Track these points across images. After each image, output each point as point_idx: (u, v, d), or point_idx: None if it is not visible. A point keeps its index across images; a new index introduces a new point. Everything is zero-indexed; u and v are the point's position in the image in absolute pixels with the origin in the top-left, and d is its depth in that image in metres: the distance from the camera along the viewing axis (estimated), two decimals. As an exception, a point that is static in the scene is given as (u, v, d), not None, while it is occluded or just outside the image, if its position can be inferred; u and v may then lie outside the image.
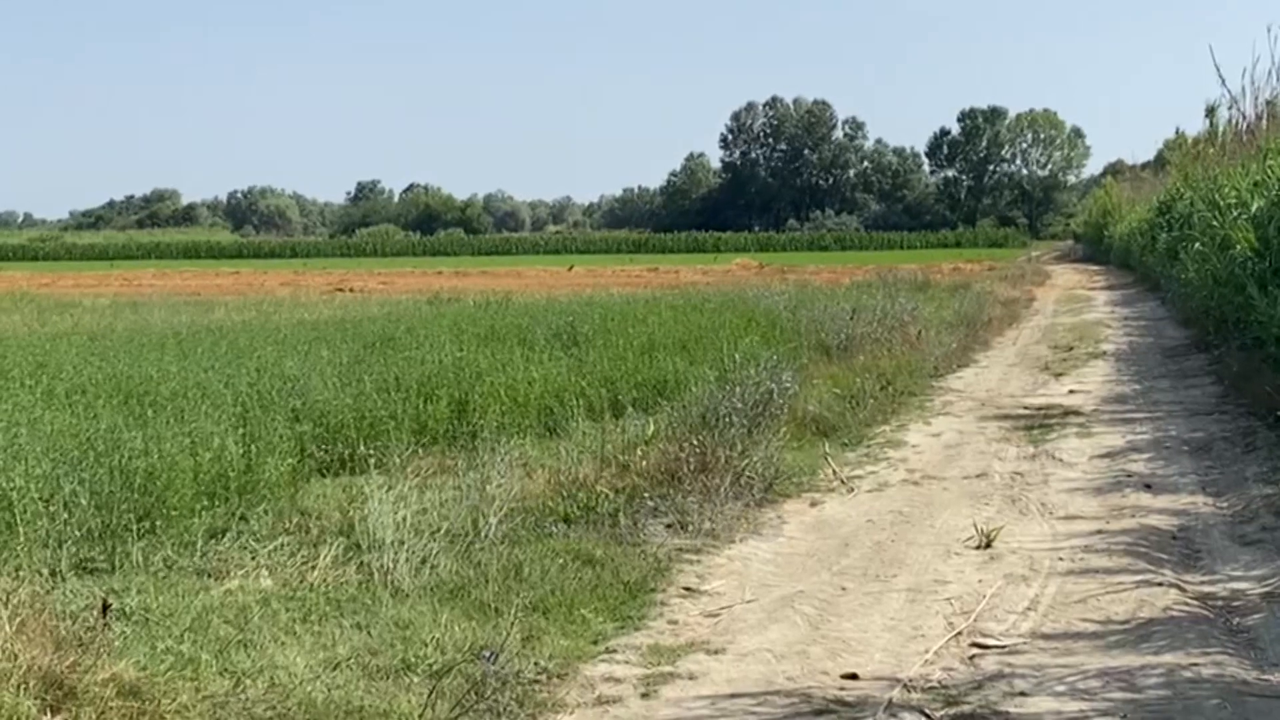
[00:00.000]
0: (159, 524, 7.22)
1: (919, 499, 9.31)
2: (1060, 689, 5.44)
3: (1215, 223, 15.24)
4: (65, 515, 6.89)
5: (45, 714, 4.56)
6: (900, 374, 14.97)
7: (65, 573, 6.51)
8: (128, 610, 5.92)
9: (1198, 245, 17.31)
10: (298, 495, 8.39)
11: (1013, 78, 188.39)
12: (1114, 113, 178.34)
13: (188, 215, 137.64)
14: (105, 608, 5.48)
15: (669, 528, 8.05)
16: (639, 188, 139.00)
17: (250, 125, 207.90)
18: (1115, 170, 77.03)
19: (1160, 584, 6.92)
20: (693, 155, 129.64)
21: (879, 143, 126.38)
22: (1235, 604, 6.59)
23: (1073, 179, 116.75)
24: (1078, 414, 13.02)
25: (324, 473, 9.30)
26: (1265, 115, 17.86)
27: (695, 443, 9.00)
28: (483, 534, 7.35)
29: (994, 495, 9.37)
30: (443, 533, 7.21)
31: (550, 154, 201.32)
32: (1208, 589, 6.86)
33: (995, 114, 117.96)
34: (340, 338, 14.58)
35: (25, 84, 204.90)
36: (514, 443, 9.73)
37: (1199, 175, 21.01)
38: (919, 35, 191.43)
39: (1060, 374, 16.60)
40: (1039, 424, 12.44)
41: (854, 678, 5.65)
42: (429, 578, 6.68)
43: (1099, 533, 8.13)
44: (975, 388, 15.35)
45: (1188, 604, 6.59)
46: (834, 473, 9.89)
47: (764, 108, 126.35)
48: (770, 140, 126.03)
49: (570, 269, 52.71)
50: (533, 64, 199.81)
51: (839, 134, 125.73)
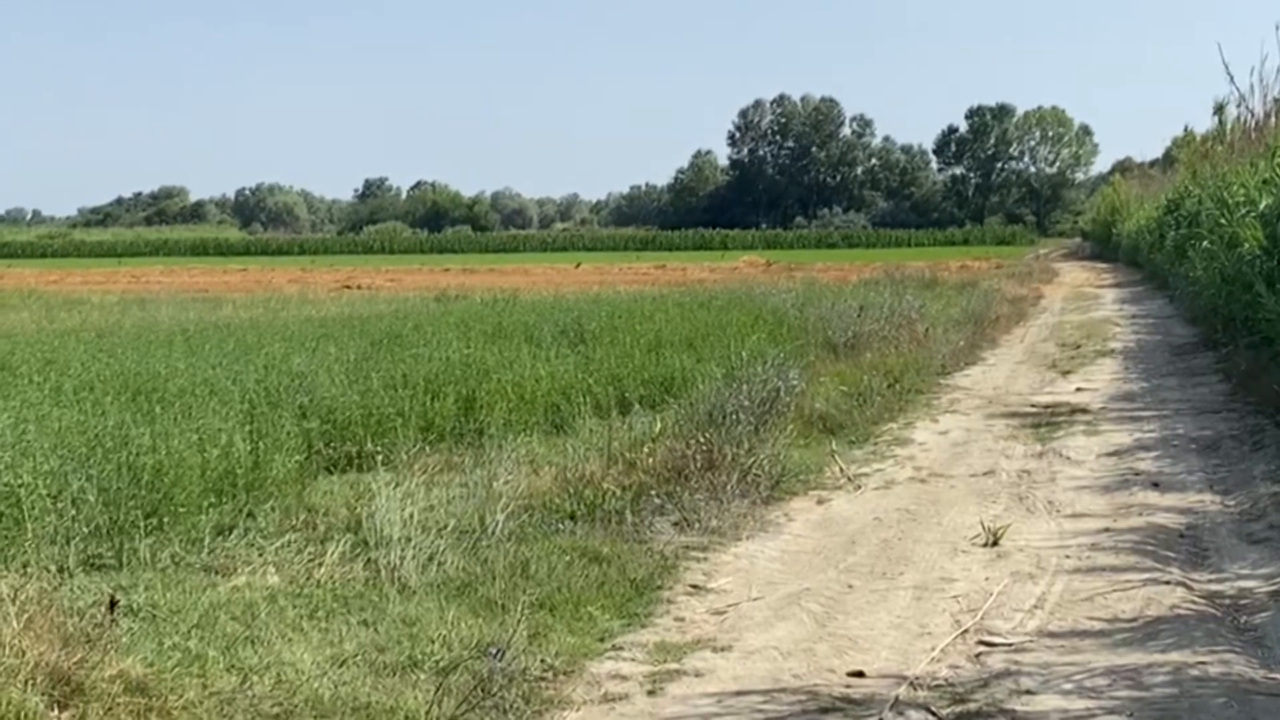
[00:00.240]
0: (166, 520, 7.23)
1: (926, 497, 9.30)
2: (1067, 687, 5.44)
3: (1223, 220, 15.21)
4: (73, 512, 6.90)
5: (53, 710, 4.57)
6: (907, 372, 14.95)
7: (73, 569, 6.53)
8: (135, 607, 5.92)
9: (1206, 243, 17.28)
10: (305, 492, 8.41)
11: (1021, 75, 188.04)
12: (1122, 110, 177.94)
13: (196, 212, 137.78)
14: (112, 604, 5.49)
15: (675, 525, 8.05)
16: (646, 185, 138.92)
17: (258, 122, 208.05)
18: (1123, 168, 76.92)
19: (1167, 582, 6.91)
20: (700, 153, 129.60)
21: (887, 140, 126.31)
22: (1243, 602, 6.58)
23: (1081, 176, 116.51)
24: (1085, 412, 13.00)
25: (331, 470, 9.31)
26: (1274, 113, 17.85)
27: (702, 440, 9.00)
28: (489, 531, 7.36)
29: (1001, 493, 9.36)
30: (450, 530, 7.22)
31: (558, 151, 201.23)
32: (1215, 587, 6.85)
33: (1003, 111, 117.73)
34: (348, 335, 14.61)
35: (33, 81, 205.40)
36: (521, 440, 9.74)
37: (1207, 173, 21.00)
38: (927, 32, 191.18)
39: (1068, 372, 16.57)
40: (1046, 422, 12.42)
41: (860, 675, 5.65)
42: (436, 575, 6.69)
43: (1106, 531, 8.13)
44: (982, 385, 15.33)
45: (1195, 602, 6.58)
46: (841, 470, 9.88)
47: (771, 105, 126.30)
48: (778, 138, 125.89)
49: (577, 266, 52.70)
50: (540, 61, 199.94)
51: (846, 131, 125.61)
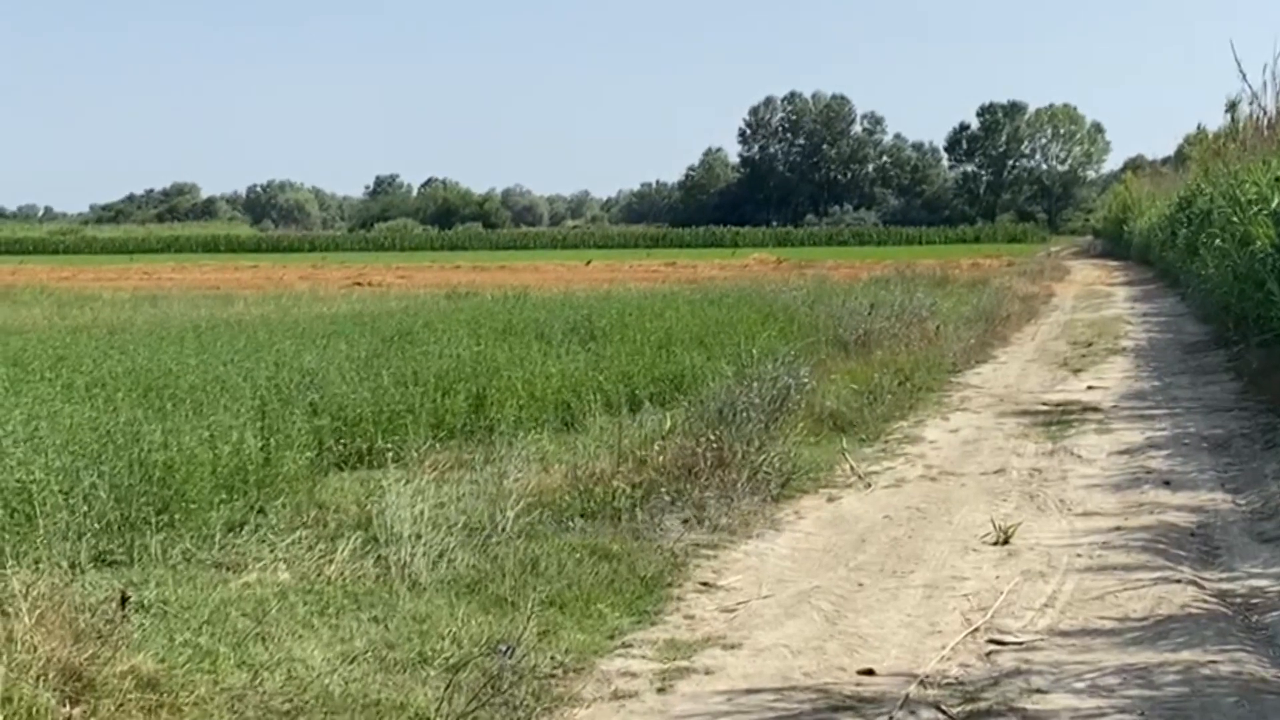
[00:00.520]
0: (177, 517, 7.24)
1: (936, 495, 9.29)
2: (1078, 686, 5.43)
3: (1235, 218, 15.17)
4: (84, 508, 6.92)
5: (64, 706, 4.58)
6: (918, 369, 14.94)
7: (84, 565, 6.54)
8: (146, 603, 5.94)
9: (1218, 241, 17.24)
10: (316, 489, 8.42)
11: (1033, 72, 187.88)
12: (1134, 108, 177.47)
13: (207, 209, 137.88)
14: (124, 600, 5.50)
15: (685, 523, 8.05)
16: (657, 182, 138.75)
17: (269, 120, 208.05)
18: (1135, 165, 76.80)
19: (1178, 581, 6.90)
20: (711, 150, 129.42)
21: (898, 137, 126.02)
22: (1254, 601, 6.57)
23: (1092, 174, 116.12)
24: (1096, 410, 12.98)
25: (342, 466, 9.32)
26: (1287, 111, 17.78)
27: (712, 438, 8.99)
28: (499, 528, 7.36)
29: (1012, 491, 9.35)
30: (460, 527, 7.23)
31: (568, 149, 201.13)
32: (1226, 586, 6.84)
33: (1015, 109, 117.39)
34: (358, 332, 14.62)
35: (45, 78, 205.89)
36: (531, 437, 9.75)
37: (1219, 171, 20.90)
38: (939, 30, 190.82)
39: (1079, 370, 16.55)
40: (1057, 420, 12.40)
41: (870, 673, 5.65)
42: (446, 572, 6.70)
43: (1117, 529, 8.11)
44: (993, 383, 15.31)
45: (1206, 601, 6.56)
46: (851, 468, 9.87)
47: (782, 102, 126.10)
48: (788, 135, 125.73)
49: (588, 264, 52.66)
50: (551, 59, 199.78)
51: (857, 129, 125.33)
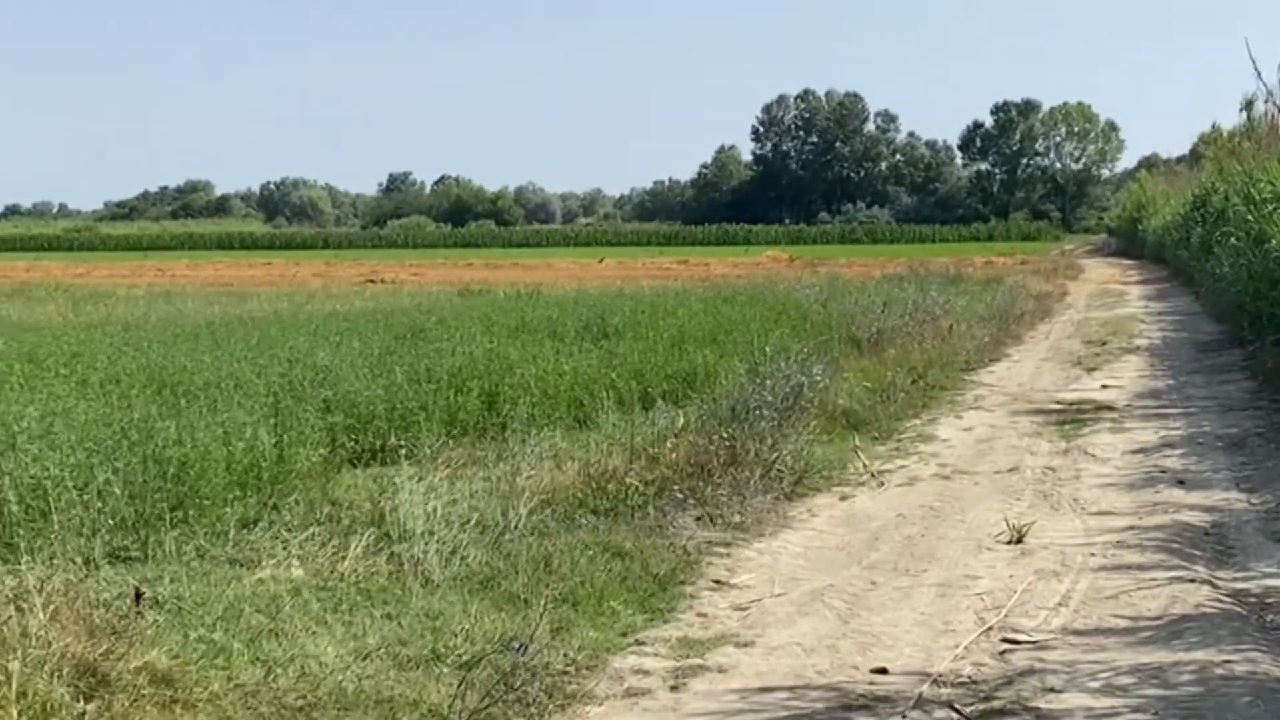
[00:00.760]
0: (191, 513, 7.25)
1: (950, 493, 9.28)
2: (1092, 685, 5.42)
3: (1250, 217, 15.14)
4: (99, 504, 6.94)
5: (78, 701, 4.59)
6: (931, 368, 14.92)
7: (99, 561, 6.55)
8: (160, 599, 5.95)
9: (1232, 240, 17.20)
10: (329, 486, 8.42)
11: (1047, 70, 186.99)
12: (1149, 106, 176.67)
13: (221, 206, 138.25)
14: (138, 596, 5.52)
15: (698, 520, 8.05)
16: (670, 180, 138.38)
17: (283, 117, 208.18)
18: (1150, 164, 76.56)
19: (1193, 580, 6.88)
20: (724, 148, 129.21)
21: (911, 135, 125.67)
22: (1269, 601, 6.55)
23: (1106, 173, 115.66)
24: (1110, 409, 12.95)
25: (355, 463, 9.34)
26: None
27: (725, 436, 8.99)
28: (512, 525, 7.36)
29: (1025, 490, 9.33)
30: (473, 524, 7.23)
31: (581, 146, 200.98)
32: (1241, 585, 6.81)
33: (1029, 107, 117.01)
34: (371, 329, 14.66)
35: (61, 75, 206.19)
36: (544, 434, 9.74)
37: (1234, 169, 20.87)
38: (953, 27, 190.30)
39: (1093, 369, 16.51)
40: (1071, 419, 12.37)
41: (884, 672, 5.64)
42: (459, 569, 6.70)
43: (1131, 528, 8.09)
44: (1007, 382, 15.28)
45: (1220, 601, 6.54)
46: (864, 466, 9.85)
47: (795, 100, 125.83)
48: (802, 133, 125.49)
49: (601, 261, 52.73)
50: (564, 56, 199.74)
51: (871, 126, 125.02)
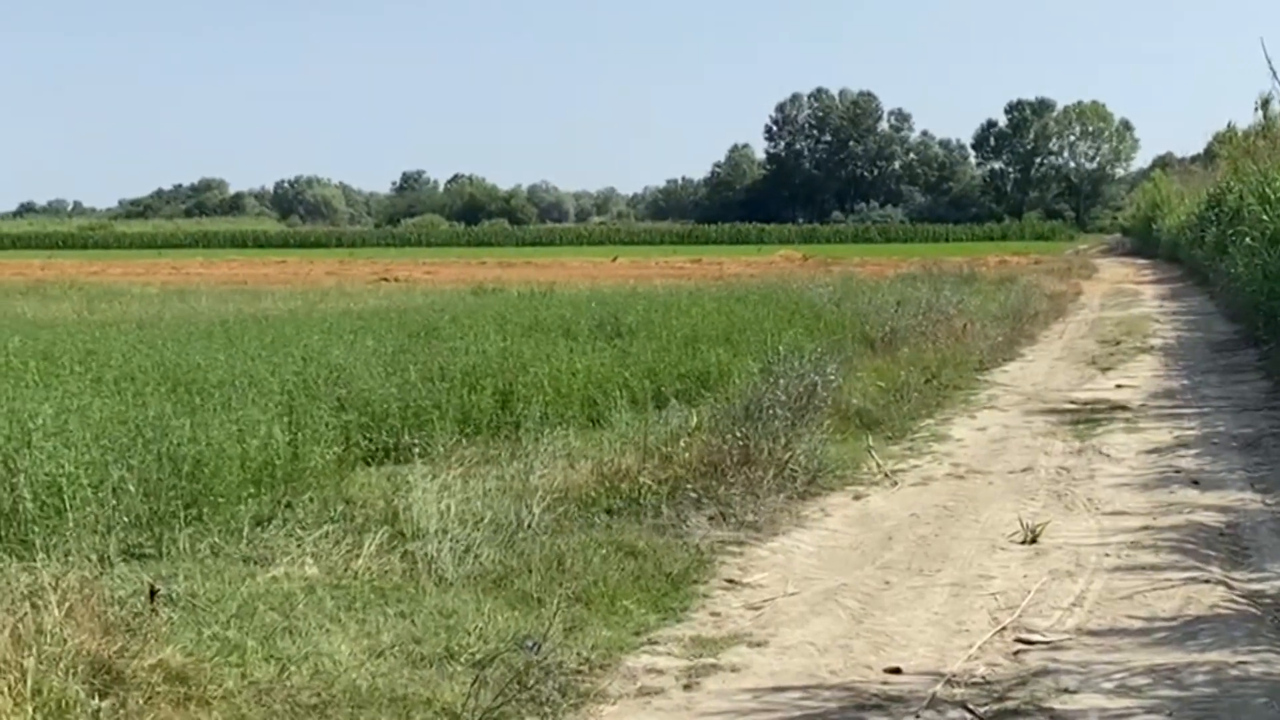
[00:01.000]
0: (206, 511, 7.28)
1: (963, 493, 9.26)
2: (1107, 686, 5.40)
3: (1265, 216, 15.09)
4: (114, 502, 6.96)
5: (93, 698, 4.60)
6: (945, 367, 14.90)
7: (113, 559, 6.57)
8: (175, 596, 5.96)
9: (1247, 239, 17.15)
10: (343, 484, 8.44)
11: (1061, 69, 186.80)
12: (1164, 105, 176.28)
13: (235, 204, 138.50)
14: (153, 594, 5.53)
15: (711, 520, 8.04)
16: (683, 179, 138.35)
17: (297, 115, 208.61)
18: (1164, 163, 76.34)
19: (1207, 581, 6.86)
20: (737, 147, 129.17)
21: (925, 134, 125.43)
22: (1284, 602, 6.53)
23: (1121, 172, 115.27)
24: (1125, 409, 12.91)
25: (369, 462, 9.35)
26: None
27: (738, 435, 8.98)
28: (526, 524, 7.36)
29: (1039, 490, 9.30)
30: (486, 522, 7.24)
31: (594, 145, 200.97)
32: (1256, 586, 6.79)
33: (1043, 106, 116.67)
34: (385, 327, 14.67)
35: (75, 74, 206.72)
36: (557, 433, 9.75)
37: (1249, 169, 20.80)
38: (967, 26, 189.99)
39: (1107, 368, 16.47)
40: (1085, 419, 12.34)
41: (897, 672, 5.63)
42: (472, 567, 6.70)
43: (1146, 529, 8.07)
44: (1021, 381, 15.25)
45: (1235, 601, 6.52)
46: (878, 466, 9.84)
47: (809, 99, 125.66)
48: (815, 132, 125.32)
49: (614, 260, 52.74)
50: (577, 55, 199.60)
51: (884, 125, 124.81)
